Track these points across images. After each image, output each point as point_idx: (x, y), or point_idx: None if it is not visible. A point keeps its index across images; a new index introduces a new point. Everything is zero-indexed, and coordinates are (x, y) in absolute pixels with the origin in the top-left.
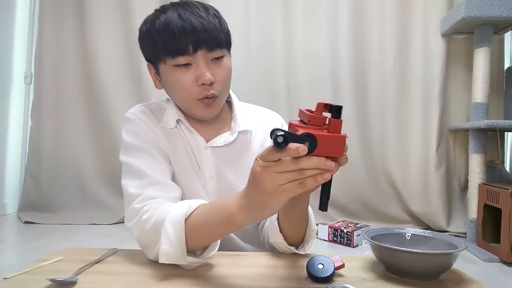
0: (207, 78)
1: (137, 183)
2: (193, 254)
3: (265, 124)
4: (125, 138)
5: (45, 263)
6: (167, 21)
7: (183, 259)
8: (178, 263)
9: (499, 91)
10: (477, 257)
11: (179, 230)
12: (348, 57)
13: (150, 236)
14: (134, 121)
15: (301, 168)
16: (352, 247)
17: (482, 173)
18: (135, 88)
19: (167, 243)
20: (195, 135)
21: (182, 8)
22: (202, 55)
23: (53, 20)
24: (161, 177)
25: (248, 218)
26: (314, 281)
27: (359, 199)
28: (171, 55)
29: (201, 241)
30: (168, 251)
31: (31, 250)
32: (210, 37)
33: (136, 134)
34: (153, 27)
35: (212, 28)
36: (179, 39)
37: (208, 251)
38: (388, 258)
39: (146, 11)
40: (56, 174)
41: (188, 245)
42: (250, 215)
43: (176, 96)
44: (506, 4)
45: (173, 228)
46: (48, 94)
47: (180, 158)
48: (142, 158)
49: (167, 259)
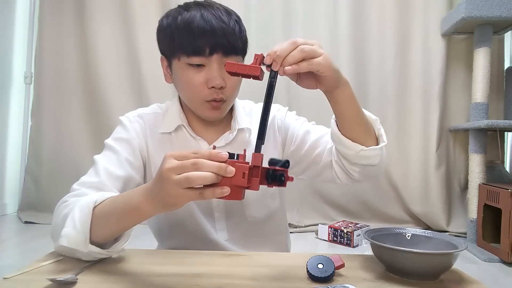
0: (218, 82)
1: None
2: (100, 246)
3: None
4: (108, 139)
5: (45, 263)
6: (189, 19)
7: (85, 245)
8: (79, 249)
9: (499, 91)
10: (477, 257)
11: (86, 215)
12: (348, 57)
13: (59, 221)
14: (123, 125)
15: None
16: (352, 247)
17: (482, 173)
18: (135, 88)
19: (71, 226)
20: (198, 140)
21: (206, 9)
22: (217, 58)
23: (53, 20)
24: (110, 185)
25: (152, 209)
26: (314, 281)
27: (359, 199)
28: (186, 54)
29: (106, 230)
30: (69, 234)
31: (31, 250)
32: (227, 42)
33: (116, 137)
34: (174, 22)
35: (231, 34)
36: (198, 39)
37: (115, 245)
38: (388, 258)
39: (146, 10)
40: (56, 174)
41: (93, 233)
42: (154, 206)
43: (184, 94)
44: (506, 4)
45: (80, 213)
46: (48, 94)
47: None
48: (107, 159)
49: (67, 241)
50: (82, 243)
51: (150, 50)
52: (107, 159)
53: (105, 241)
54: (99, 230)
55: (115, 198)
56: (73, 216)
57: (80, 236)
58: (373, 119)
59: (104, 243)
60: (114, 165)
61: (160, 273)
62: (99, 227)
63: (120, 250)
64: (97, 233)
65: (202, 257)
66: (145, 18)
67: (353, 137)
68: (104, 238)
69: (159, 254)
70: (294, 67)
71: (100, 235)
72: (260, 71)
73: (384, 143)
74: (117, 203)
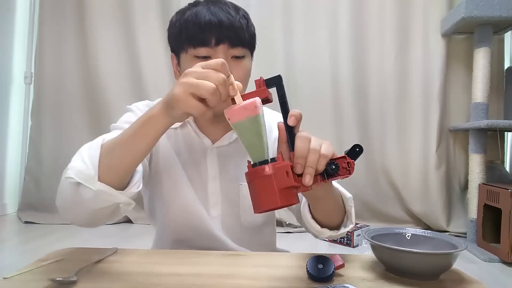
0: None
1: None
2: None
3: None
4: (114, 124)
5: (45, 263)
6: (196, 13)
7: (93, 181)
8: (87, 184)
9: (499, 91)
10: (477, 257)
11: (94, 149)
12: (348, 57)
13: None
14: (133, 111)
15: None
16: (352, 247)
17: (482, 173)
18: (135, 88)
19: (79, 159)
20: (202, 138)
21: (214, 4)
22: (223, 50)
23: (53, 20)
24: None
25: (160, 110)
26: (314, 281)
27: (359, 199)
28: (193, 45)
29: (116, 160)
30: (77, 166)
31: (31, 250)
32: (234, 34)
33: (126, 120)
34: (182, 17)
35: (237, 26)
36: (204, 30)
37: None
38: (388, 258)
39: (146, 11)
40: (56, 174)
41: (101, 168)
42: (161, 106)
43: None
44: (506, 4)
45: (88, 149)
46: (48, 94)
47: (184, 159)
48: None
49: (76, 174)
50: (91, 178)
51: (150, 50)
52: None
53: (114, 182)
54: (108, 163)
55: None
56: (80, 152)
57: (89, 169)
58: (347, 197)
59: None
60: None
61: (160, 273)
62: (108, 159)
63: (132, 196)
64: (106, 168)
65: (202, 257)
66: (145, 19)
67: (322, 217)
68: (114, 174)
69: (159, 254)
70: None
71: (109, 171)
72: (268, 93)
73: (352, 225)
74: (129, 127)
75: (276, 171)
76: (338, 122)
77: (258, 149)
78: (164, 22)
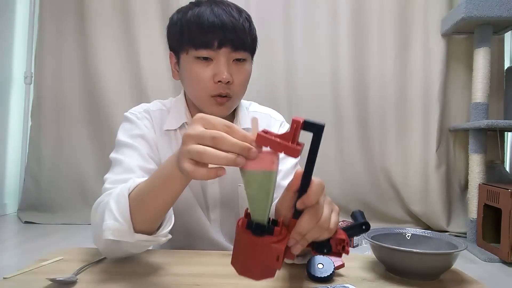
0: (225, 77)
1: (117, 178)
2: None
3: (262, 124)
4: (119, 137)
5: (45, 263)
6: (199, 13)
7: (130, 235)
8: (125, 239)
9: (499, 91)
10: (477, 257)
11: (123, 204)
12: (348, 58)
13: (98, 221)
14: (133, 121)
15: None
16: (352, 247)
17: (482, 173)
18: (135, 88)
19: (111, 218)
20: None
21: (216, 5)
22: (225, 53)
23: (53, 20)
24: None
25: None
26: (314, 281)
27: (359, 199)
28: (195, 47)
29: (147, 212)
30: (112, 226)
31: (31, 250)
32: (236, 37)
33: (130, 134)
34: (184, 17)
35: (240, 29)
36: (207, 32)
37: (161, 229)
38: (388, 258)
39: (146, 11)
40: (56, 174)
41: (135, 220)
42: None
43: (191, 89)
44: (506, 4)
45: (116, 203)
46: (48, 94)
47: None
48: (131, 156)
49: (112, 234)
50: (127, 233)
51: (150, 51)
52: (131, 156)
53: (149, 228)
54: (139, 216)
55: (149, 177)
56: (110, 209)
57: (124, 226)
58: None
59: (148, 231)
60: (141, 160)
61: (160, 273)
62: (139, 212)
63: (166, 235)
64: (138, 219)
65: (202, 257)
66: (145, 19)
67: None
68: (147, 223)
69: (159, 254)
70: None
71: (142, 221)
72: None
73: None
74: (152, 179)
75: (267, 251)
76: (338, 122)
77: (261, 206)
78: (164, 23)
